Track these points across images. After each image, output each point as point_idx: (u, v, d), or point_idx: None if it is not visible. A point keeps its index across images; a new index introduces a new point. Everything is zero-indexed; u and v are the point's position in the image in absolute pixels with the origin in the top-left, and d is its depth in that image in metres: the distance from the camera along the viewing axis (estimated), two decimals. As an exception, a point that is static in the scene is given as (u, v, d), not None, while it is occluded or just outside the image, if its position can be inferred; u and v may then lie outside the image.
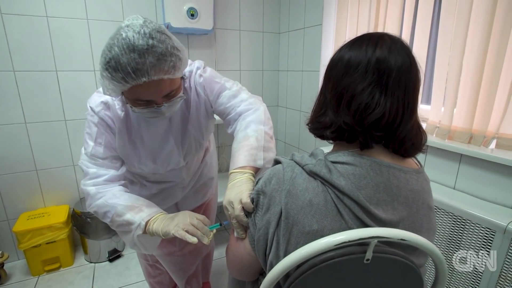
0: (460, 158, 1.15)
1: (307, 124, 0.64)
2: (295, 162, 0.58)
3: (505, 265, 0.92)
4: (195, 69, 0.94)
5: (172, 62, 0.72)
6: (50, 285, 1.65)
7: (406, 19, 1.31)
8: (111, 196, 0.83)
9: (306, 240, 0.52)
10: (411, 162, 0.62)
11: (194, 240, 0.72)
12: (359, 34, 0.59)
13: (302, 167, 0.56)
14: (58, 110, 1.73)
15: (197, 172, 1.16)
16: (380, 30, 1.40)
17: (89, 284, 1.65)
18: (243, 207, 0.63)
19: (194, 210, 1.17)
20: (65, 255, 1.77)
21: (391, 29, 1.36)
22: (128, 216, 0.79)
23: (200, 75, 0.93)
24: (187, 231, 0.73)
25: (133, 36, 0.67)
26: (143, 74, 0.69)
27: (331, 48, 1.80)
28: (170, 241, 1.13)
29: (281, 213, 0.55)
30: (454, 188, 1.18)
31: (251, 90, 2.20)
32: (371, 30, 1.42)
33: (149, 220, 0.79)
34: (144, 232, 0.79)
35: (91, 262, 1.82)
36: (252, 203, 0.62)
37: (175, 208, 1.14)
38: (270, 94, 2.38)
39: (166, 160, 1.00)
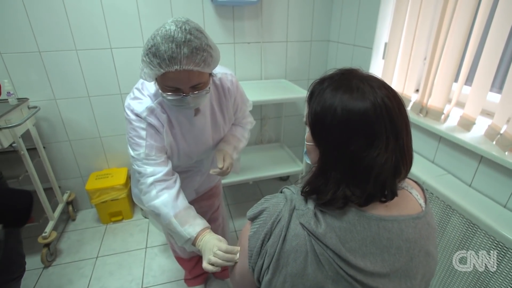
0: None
1: (303, 188, 0.59)
2: (293, 204, 0.58)
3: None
4: (229, 75, 1.07)
5: (204, 57, 0.80)
6: (116, 233, 2.01)
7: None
8: (167, 201, 0.91)
9: (292, 282, 0.55)
10: (411, 205, 0.59)
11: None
12: (423, 8, 0.51)
13: (295, 210, 0.57)
14: (114, 85, 1.89)
15: (213, 158, 1.23)
16: (450, 4, 1.15)
17: (144, 237, 1.96)
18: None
19: (208, 190, 1.33)
20: (126, 210, 2.09)
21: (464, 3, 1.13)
22: (179, 229, 0.89)
23: (231, 80, 1.07)
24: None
25: (175, 30, 0.76)
26: (176, 63, 0.77)
27: (388, 24, 1.58)
28: None
29: (275, 252, 0.56)
30: (504, 207, 1.06)
31: (297, 62, 2.16)
32: (439, 5, 1.19)
33: (196, 237, 0.87)
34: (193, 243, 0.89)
35: (146, 218, 2.13)
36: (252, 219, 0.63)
37: (194, 192, 1.24)
38: (317, 67, 2.24)
39: (201, 153, 1.11)
